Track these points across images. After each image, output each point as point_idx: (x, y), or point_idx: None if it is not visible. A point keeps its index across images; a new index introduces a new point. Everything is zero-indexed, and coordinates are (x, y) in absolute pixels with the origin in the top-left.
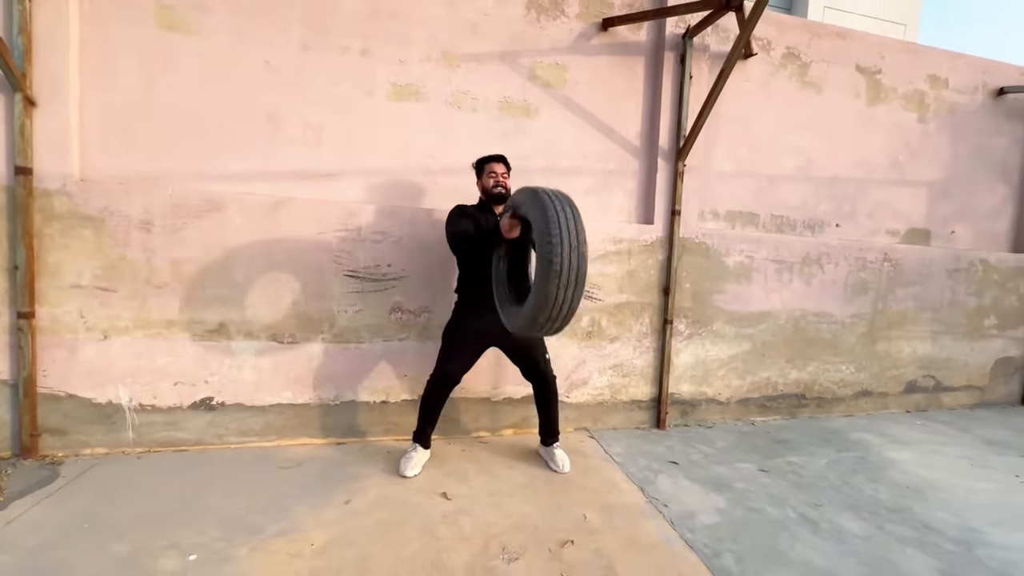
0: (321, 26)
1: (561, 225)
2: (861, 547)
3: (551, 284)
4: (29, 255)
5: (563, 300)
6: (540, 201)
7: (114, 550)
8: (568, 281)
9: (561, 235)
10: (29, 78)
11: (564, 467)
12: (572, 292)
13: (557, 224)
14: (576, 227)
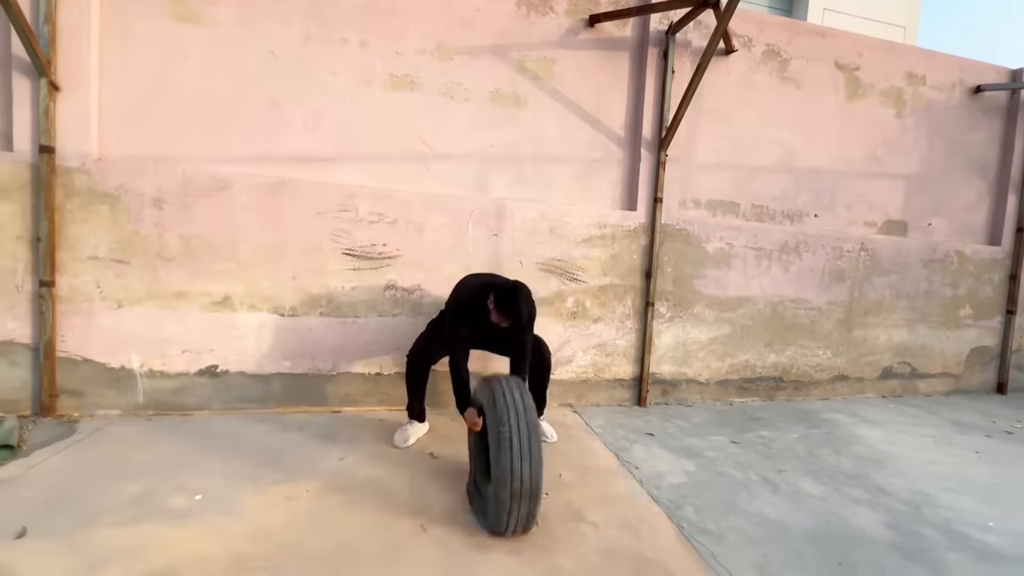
0: (323, 18)
1: (508, 403)
2: (815, 505)
3: (504, 458)
4: (51, 228)
5: (520, 471)
6: (491, 390)
7: (128, 490)
8: (521, 453)
9: (508, 413)
10: (53, 64)
11: (552, 436)
12: (528, 465)
13: (504, 404)
14: (522, 400)
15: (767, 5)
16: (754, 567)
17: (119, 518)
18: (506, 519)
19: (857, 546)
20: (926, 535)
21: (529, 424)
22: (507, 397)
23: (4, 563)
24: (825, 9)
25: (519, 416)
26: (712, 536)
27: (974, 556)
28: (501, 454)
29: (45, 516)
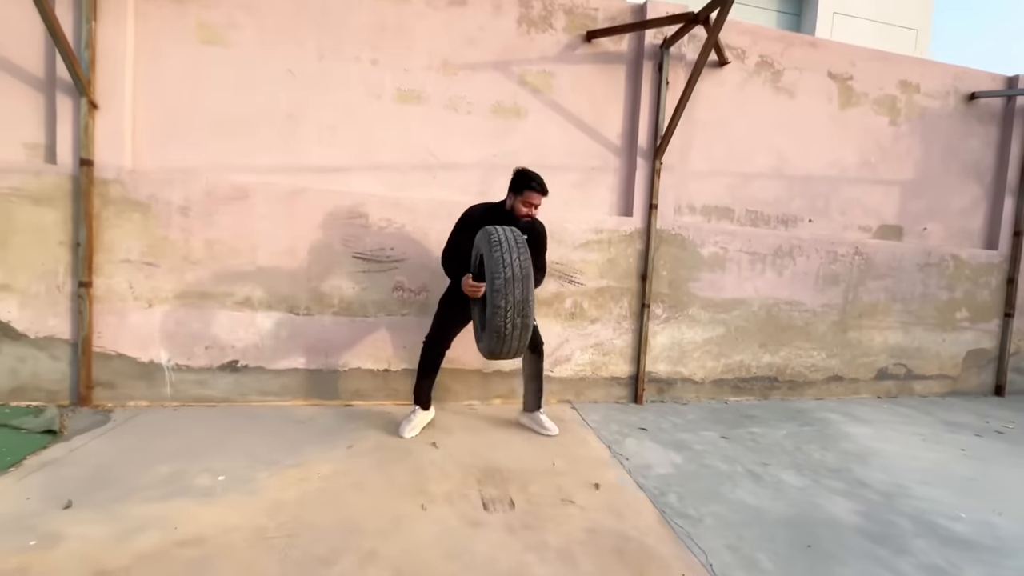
0: (336, 38)
1: (506, 263)
2: (794, 494)
3: (498, 319)
4: (89, 234)
5: (511, 331)
6: (489, 241)
7: (159, 470)
8: (513, 317)
9: (504, 274)
10: (92, 85)
11: (553, 430)
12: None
13: (501, 263)
14: (520, 260)
15: (777, 10)
16: (727, 547)
17: (152, 494)
18: (501, 344)
19: (827, 530)
20: (896, 523)
21: (520, 246)
22: (501, 232)
23: (54, 530)
24: (835, 13)
25: (509, 238)
26: (691, 520)
27: (939, 542)
28: (494, 264)
29: (87, 491)
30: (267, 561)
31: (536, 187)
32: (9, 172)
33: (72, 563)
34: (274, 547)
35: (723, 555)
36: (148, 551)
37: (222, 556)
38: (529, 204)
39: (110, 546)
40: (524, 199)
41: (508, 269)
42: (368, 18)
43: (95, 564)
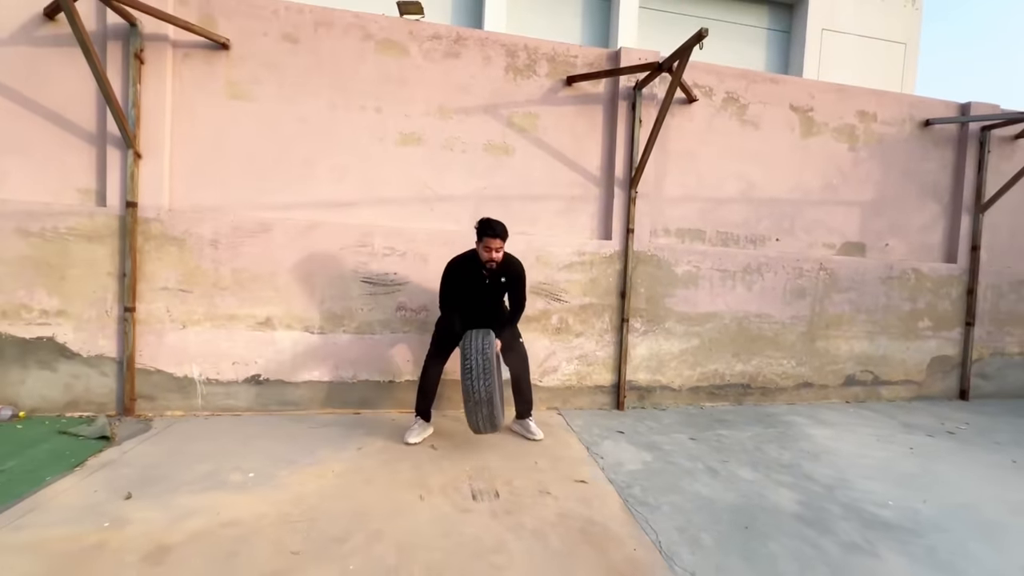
0: (345, 91)
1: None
2: (744, 487)
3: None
4: (133, 265)
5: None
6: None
7: (198, 469)
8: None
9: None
10: (138, 138)
11: (539, 435)
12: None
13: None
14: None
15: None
16: (676, 528)
17: (195, 488)
18: (475, 419)
19: (766, 516)
20: (828, 509)
21: (485, 357)
22: (472, 340)
23: (121, 515)
24: (824, 29)
25: (478, 351)
26: (650, 507)
27: (862, 524)
28: (464, 377)
29: (141, 486)
30: (293, 539)
31: (491, 233)
32: (67, 215)
33: (140, 539)
34: (298, 528)
35: (672, 535)
36: (197, 531)
37: (256, 535)
38: (489, 249)
39: (167, 527)
40: (484, 245)
41: (477, 394)
42: (373, 72)
43: (157, 540)
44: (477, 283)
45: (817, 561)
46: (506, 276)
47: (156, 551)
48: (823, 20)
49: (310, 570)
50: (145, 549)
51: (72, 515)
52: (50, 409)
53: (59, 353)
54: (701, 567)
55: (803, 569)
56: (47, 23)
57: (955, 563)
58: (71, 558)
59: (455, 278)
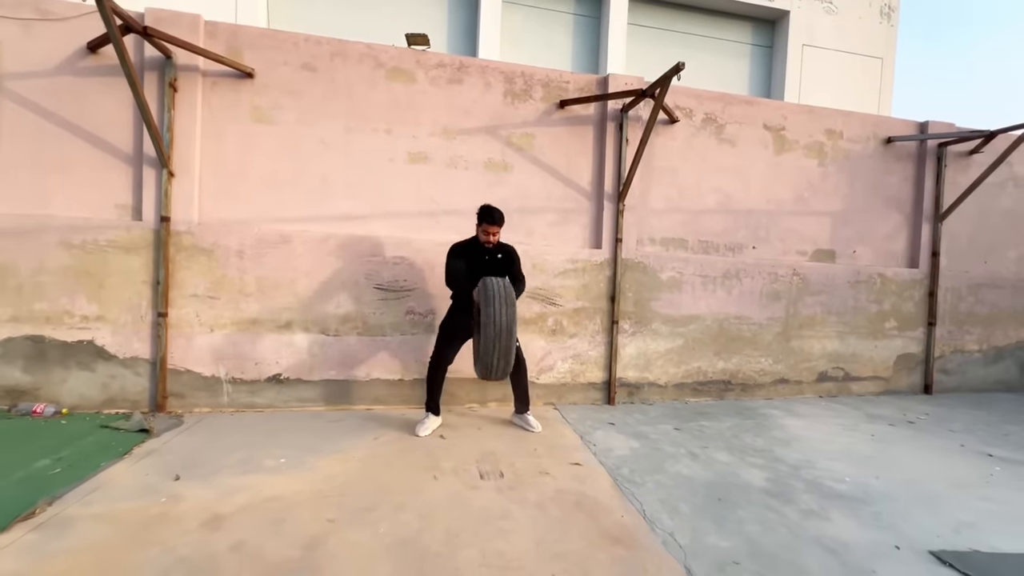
0: (360, 115)
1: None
2: (720, 467)
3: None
4: (166, 274)
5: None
6: (485, 295)
7: (234, 456)
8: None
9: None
10: (171, 158)
11: (537, 427)
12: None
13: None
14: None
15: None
16: (659, 500)
17: (235, 471)
18: (490, 357)
19: (738, 490)
20: (792, 484)
21: (507, 289)
22: (491, 280)
23: (175, 493)
24: (804, 45)
25: (500, 285)
26: (636, 484)
27: (820, 496)
28: (487, 304)
29: (186, 469)
30: (328, 509)
31: (489, 220)
32: (107, 228)
33: (195, 511)
34: (331, 502)
35: (655, 505)
36: (244, 504)
37: (296, 506)
38: (487, 232)
39: (217, 501)
40: (483, 228)
41: (498, 321)
42: (384, 97)
43: (211, 511)
44: (478, 259)
45: (778, 524)
46: (502, 253)
47: (212, 519)
48: (803, 36)
49: (347, 532)
50: (202, 518)
51: (132, 493)
52: (89, 407)
53: (97, 355)
54: (679, 528)
55: (765, 530)
56: (90, 55)
57: (896, 524)
58: (140, 525)
59: (458, 254)
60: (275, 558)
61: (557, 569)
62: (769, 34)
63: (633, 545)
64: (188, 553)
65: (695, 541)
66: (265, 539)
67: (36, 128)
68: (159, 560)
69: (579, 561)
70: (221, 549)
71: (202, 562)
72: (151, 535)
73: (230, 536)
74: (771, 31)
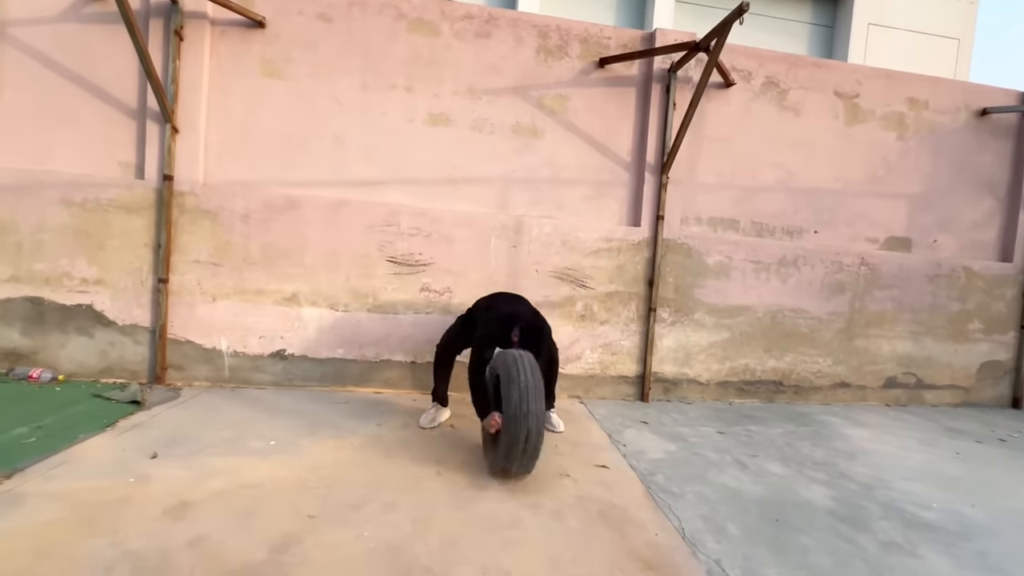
0: (376, 70)
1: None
2: (774, 481)
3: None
4: (168, 238)
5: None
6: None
7: (222, 434)
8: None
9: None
10: (175, 113)
11: (560, 427)
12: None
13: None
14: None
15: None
16: (701, 517)
17: (218, 451)
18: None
19: (797, 510)
20: (865, 507)
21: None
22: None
23: (146, 473)
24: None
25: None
26: (673, 495)
27: (902, 524)
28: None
29: (167, 447)
30: (310, 503)
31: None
32: (108, 186)
33: (162, 495)
34: (315, 494)
35: (696, 523)
36: (218, 489)
37: (274, 496)
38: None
39: (189, 485)
40: (519, 344)
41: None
42: (404, 51)
43: (179, 497)
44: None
45: (853, 557)
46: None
47: (178, 506)
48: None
49: (325, 533)
50: (167, 504)
51: (101, 470)
52: (86, 374)
53: (96, 320)
54: (727, 555)
55: (839, 564)
56: (94, 1)
57: (1009, 569)
58: (97, 507)
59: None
60: (235, 561)
61: None
62: (831, 13)
63: (670, 573)
64: (138, 547)
65: (749, 573)
66: (230, 535)
67: (39, 78)
68: (103, 552)
69: None
70: (177, 544)
71: (151, 558)
72: (104, 521)
73: (192, 528)
74: (832, 9)
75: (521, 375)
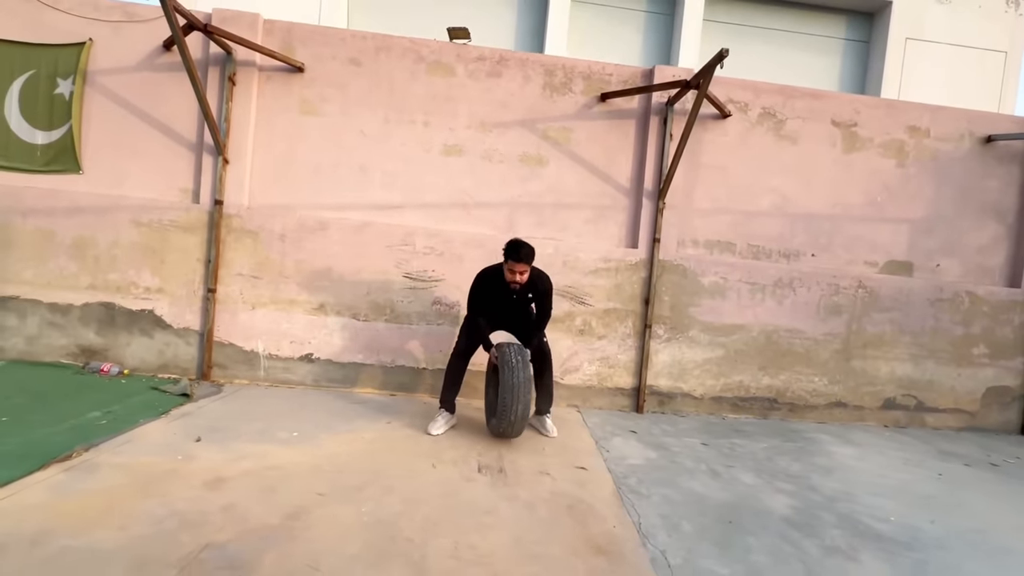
0: (398, 107)
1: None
2: (742, 489)
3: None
4: (216, 253)
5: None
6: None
7: (254, 425)
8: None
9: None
10: (227, 147)
11: (553, 432)
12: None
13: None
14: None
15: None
16: (660, 515)
17: (249, 439)
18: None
19: (754, 515)
20: (822, 517)
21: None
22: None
23: (191, 453)
24: (908, 38)
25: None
26: (640, 496)
27: (852, 534)
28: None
29: (209, 433)
30: (321, 483)
31: (515, 257)
32: (169, 209)
33: (203, 471)
34: (326, 477)
35: (653, 519)
36: (248, 469)
37: (293, 477)
38: (513, 272)
39: (225, 464)
40: (508, 267)
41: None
42: (423, 90)
43: (217, 473)
44: (504, 297)
45: (792, 558)
46: (533, 292)
47: (214, 480)
48: (907, 29)
49: (330, 507)
50: (206, 478)
51: (155, 448)
52: (147, 370)
53: (156, 324)
54: (673, 547)
55: (776, 562)
56: (164, 53)
57: None
58: (152, 477)
59: (483, 290)
60: (256, 523)
61: (528, 572)
62: (866, 27)
63: (617, 558)
64: (183, 508)
65: (688, 563)
66: (254, 504)
67: (117, 117)
68: (156, 511)
69: (553, 566)
70: (213, 508)
71: (192, 517)
72: (158, 487)
73: (224, 497)
74: (868, 24)
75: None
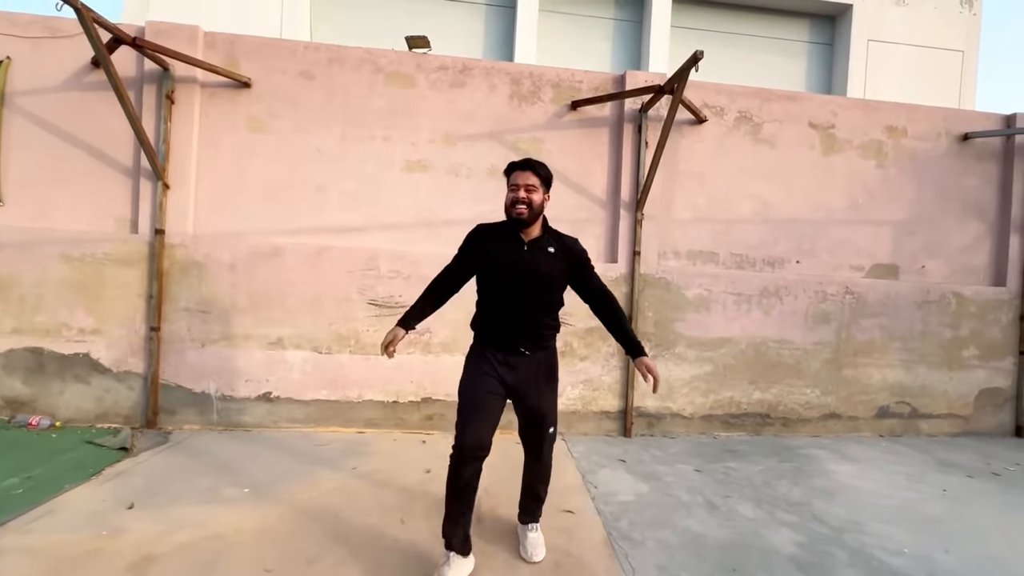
0: (356, 122)
1: None
2: (742, 524)
3: None
4: (159, 288)
5: None
6: None
7: (199, 482)
8: None
9: None
10: (167, 170)
11: (536, 557)
12: None
13: None
14: None
15: (808, 40)
16: (656, 566)
17: (192, 500)
18: None
19: (759, 557)
20: (833, 554)
21: None
22: None
23: (120, 525)
24: (870, 40)
25: None
26: (633, 542)
27: (867, 572)
28: None
29: (145, 497)
30: (269, 556)
31: (519, 166)
32: (104, 241)
33: (130, 548)
34: (276, 545)
35: (649, 572)
36: (184, 542)
37: (236, 549)
38: (514, 188)
39: (158, 538)
40: (509, 186)
41: None
42: (382, 103)
43: (146, 549)
44: (513, 251)
45: None
46: (556, 247)
47: (142, 560)
48: (869, 31)
49: None
50: (133, 558)
51: (77, 522)
52: (83, 420)
53: (93, 368)
54: None
55: None
56: (94, 70)
57: None
58: (66, 563)
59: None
60: None
61: None
62: (829, 30)
63: None
64: None
65: None
66: None
67: (42, 142)
68: None
69: None
70: None
71: None
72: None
73: None
74: (831, 27)
75: None
